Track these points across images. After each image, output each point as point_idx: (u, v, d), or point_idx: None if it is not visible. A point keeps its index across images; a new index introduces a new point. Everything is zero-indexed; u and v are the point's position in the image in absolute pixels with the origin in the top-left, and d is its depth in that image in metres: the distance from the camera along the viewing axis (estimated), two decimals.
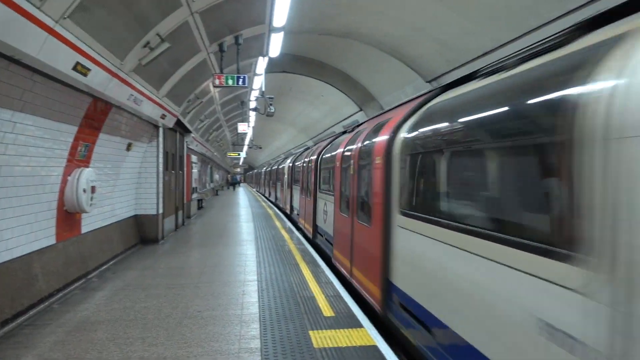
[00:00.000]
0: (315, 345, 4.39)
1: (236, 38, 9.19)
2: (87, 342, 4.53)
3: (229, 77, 9.33)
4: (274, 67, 15.32)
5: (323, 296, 6.11)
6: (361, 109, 16.80)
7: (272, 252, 9.40)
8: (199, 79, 10.75)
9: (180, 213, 13.86)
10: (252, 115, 21.40)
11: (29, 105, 5.04)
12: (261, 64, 12.04)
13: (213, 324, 5.04)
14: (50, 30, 4.39)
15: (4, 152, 4.85)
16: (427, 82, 11.33)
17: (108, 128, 7.68)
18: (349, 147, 7.42)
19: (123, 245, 9.24)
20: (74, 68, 5.14)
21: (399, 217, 4.75)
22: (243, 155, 44.08)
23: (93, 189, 7.03)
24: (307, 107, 22.91)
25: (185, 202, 14.97)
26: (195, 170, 18.03)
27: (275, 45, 9.97)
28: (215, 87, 9.61)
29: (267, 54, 10.76)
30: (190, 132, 14.70)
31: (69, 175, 6.61)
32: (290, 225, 14.19)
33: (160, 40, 6.85)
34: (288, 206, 18.63)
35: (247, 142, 35.53)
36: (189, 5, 6.74)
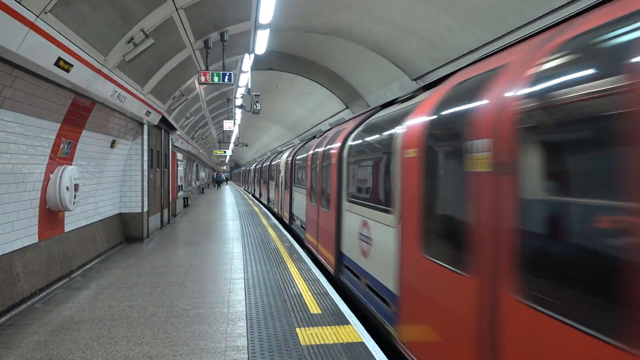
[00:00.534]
0: (302, 343, 4.39)
1: (222, 35, 9.13)
2: (70, 342, 4.47)
3: (215, 74, 9.27)
4: (260, 64, 15.27)
5: (310, 293, 6.11)
6: (347, 107, 16.83)
7: (259, 249, 9.37)
8: (184, 76, 10.66)
9: (165, 211, 13.73)
10: (238, 112, 21.31)
11: (9, 101, 4.94)
12: (247, 61, 11.99)
13: (199, 323, 5.01)
14: (31, 25, 4.31)
15: None
16: (412, 80, 11.39)
17: (91, 125, 7.57)
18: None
19: (107, 244, 9.13)
20: (56, 64, 5.05)
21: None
22: (229, 152, 43.86)
23: (76, 186, 6.93)
24: (294, 104, 22.88)
25: (170, 200, 14.84)
26: (180, 168, 17.90)
27: (262, 42, 9.93)
28: (201, 84, 9.54)
29: (253, 51, 10.71)
30: (176, 129, 14.57)
31: (52, 173, 6.50)
32: (276, 222, 14.14)
33: (144, 36, 6.77)
34: (286, 213, 14.22)
35: (233, 139, 35.36)
36: (173, 1, 6.67)
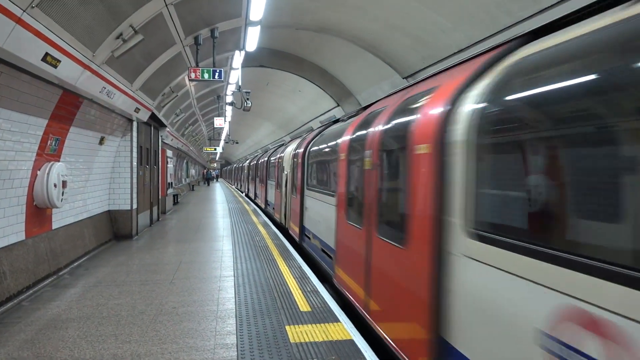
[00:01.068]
0: (292, 340, 4.40)
1: (212, 31, 9.08)
2: (58, 340, 4.44)
3: (205, 71, 9.22)
4: (250, 61, 15.20)
5: (300, 291, 6.12)
6: (339, 105, 16.83)
7: (249, 247, 9.36)
8: (174, 72, 10.58)
9: (155, 208, 13.65)
10: (228, 109, 21.21)
11: None
12: (238, 58, 11.93)
13: (188, 320, 5.00)
14: (18, 20, 4.25)
15: None
16: (403, 78, 11.42)
17: (80, 121, 7.49)
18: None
19: (96, 241, 9.06)
20: (44, 59, 4.99)
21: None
22: (220, 150, 43.68)
23: (64, 183, 6.86)
24: (285, 102, 22.83)
25: (160, 197, 14.75)
26: (170, 165, 17.77)
27: (252, 39, 9.88)
28: (191, 80, 9.48)
29: (244, 47, 10.66)
30: (165, 126, 14.47)
31: (39, 170, 6.43)
32: (267, 219, 14.11)
33: (133, 32, 6.71)
34: (295, 226, 10.34)
35: (223, 136, 35.21)
36: None
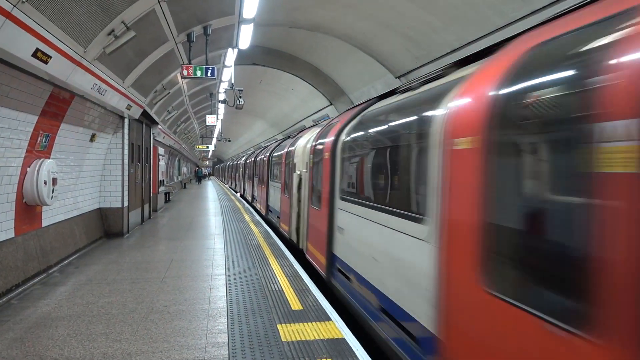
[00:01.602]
0: (284, 339, 4.40)
1: (205, 28, 9.04)
2: (47, 339, 4.40)
3: (198, 68, 9.17)
4: (243, 59, 15.16)
5: (292, 289, 6.12)
6: (331, 103, 16.84)
7: (241, 245, 9.34)
8: (166, 69, 10.52)
9: (146, 206, 13.57)
10: (221, 107, 21.13)
11: None
12: (230, 56, 11.89)
13: (179, 319, 4.98)
14: (8, 15, 4.20)
15: None
16: (396, 77, 11.44)
17: (70, 118, 7.43)
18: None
19: (86, 239, 8.99)
20: (34, 55, 4.94)
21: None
22: (212, 148, 43.51)
23: (54, 181, 6.80)
24: (278, 100, 22.80)
25: (151, 195, 14.67)
26: (162, 163, 17.67)
27: (245, 37, 9.85)
28: (183, 78, 9.43)
29: (237, 45, 10.62)
30: (157, 123, 14.39)
31: (29, 167, 6.36)
32: (260, 219, 14.11)
33: (125, 28, 6.66)
34: (319, 252, 7.19)
35: (216, 134, 35.07)
36: None
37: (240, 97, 14.14)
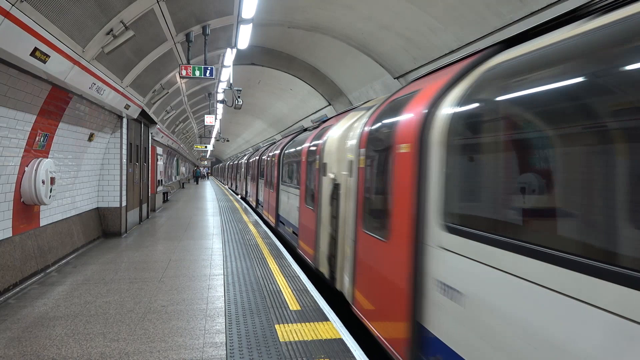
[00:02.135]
0: (281, 339, 4.40)
1: (204, 28, 9.04)
2: (45, 338, 4.40)
3: (196, 68, 9.18)
4: (242, 59, 15.16)
5: (290, 290, 6.12)
6: (330, 104, 16.85)
7: (239, 245, 9.34)
8: (164, 69, 10.51)
9: (144, 206, 13.56)
10: (219, 107, 21.12)
11: None
12: (229, 56, 11.89)
13: (177, 319, 4.98)
14: (6, 14, 4.20)
15: None
16: (394, 78, 11.46)
17: (69, 118, 7.42)
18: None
19: (84, 239, 8.98)
20: (32, 54, 4.94)
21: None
22: (210, 148, 43.46)
23: (52, 180, 6.79)
24: (276, 100, 22.80)
25: (150, 194, 14.65)
26: (160, 163, 17.66)
27: (244, 37, 9.85)
28: (182, 78, 9.43)
29: (236, 45, 10.62)
30: (156, 123, 14.38)
31: (27, 166, 6.36)
32: (257, 219, 14.09)
33: (124, 28, 6.66)
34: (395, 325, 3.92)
35: (214, 134, 35.04)
36: None
37: (239, 97, 14.13)
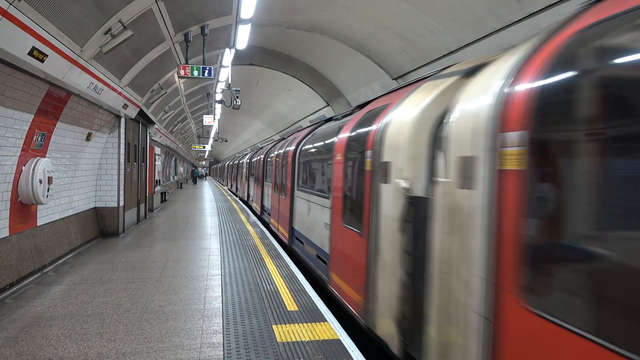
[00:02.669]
0: (279, 340, 4.40)
1: (202, 28, 9.03)
2: (41, 338, 4.38)
3: (195, 68, 9.17)
4: (240, 59, 15.15)
5: (287, 290, 6.12)
6: (329, 104, 16.85)
7: (237, 246, 9.33)
8: (163, 69, 10.50)
9: (142, 206, 13.53)
10: (218, 107, 21.10)
11: None
12: (228, 56, 11.88)
13: (174, 319, 4.97)
14: (4, 13, 4.18)
15: None
16: (393, 79, 11.46)
17: (66, 117, 7.40)
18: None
19: (82, 239, 8.96)
20: (30, 53, 4.92)
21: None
22: (208, 148, 43.44)
23: (50, 179, 6.77)
24: (274, 100, 22.80)
25: (147, 194, 14.63)
26: (158, 163, 17.63)
27: (243, 37, 9.85)
28: (180, 78, 9.43)
29: (234, 45, 10.62)
30: (154, 123, 14.36)
31: (24, 166, 6.34)
32: (256, 219, 14.08)
33: (122, 27, 6.64)
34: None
35: (212, 134, 35.03)
36: None
37: (237, 97, 14.13)
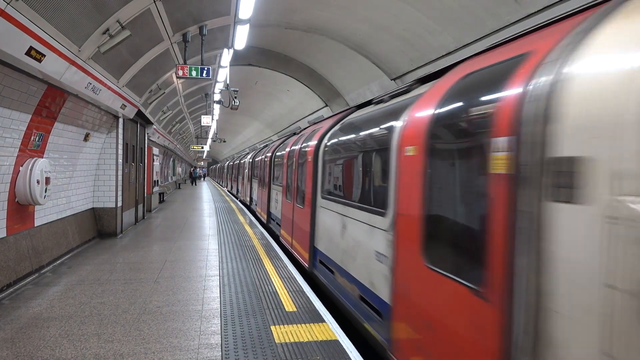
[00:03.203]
0: (277, 340, 4.39)
1: (200, 29, 9.03)
2: (38, 339, 4.36)
3: (193, 69, 9.16)
4: (239, 59, 15.14)
5: (285, 291, 6.11)
6: (327, 105, 16.85)
7: (235, 247, 9.31)
8: (161, 69, 10.49)
9: (140, 206, 13.51)
10: (216, 108, 21.09)
11: None
12: (226, 56, 11.87)
13: (172, 320, 4.95)
14: (1, 12, 4.17)
15: None
16: (392, 79, 11.46)
17: (64, 117, 7.38)
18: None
19: (80, 239, 8.93)
20: (28, 53, 4.91)
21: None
22: (207, 148, 43.40)
23: (47, 180, 6.75)
24: (273, 101, 22.79)
25: (146, 195, 14.61)
26: (156, 163, 17.60)
27: (241, 37, 9.84)
28: (179, 78, 9.42)
29: (233, 46, 10.61)
30: (152, 123, 14.34)
31: (22, 166, 6.31)
32: (253, 219, 14.07)
33: (120, 27, 6.63)
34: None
35: (211, 135, 35.01)
36: None
37: (236, 97, 14.12)
